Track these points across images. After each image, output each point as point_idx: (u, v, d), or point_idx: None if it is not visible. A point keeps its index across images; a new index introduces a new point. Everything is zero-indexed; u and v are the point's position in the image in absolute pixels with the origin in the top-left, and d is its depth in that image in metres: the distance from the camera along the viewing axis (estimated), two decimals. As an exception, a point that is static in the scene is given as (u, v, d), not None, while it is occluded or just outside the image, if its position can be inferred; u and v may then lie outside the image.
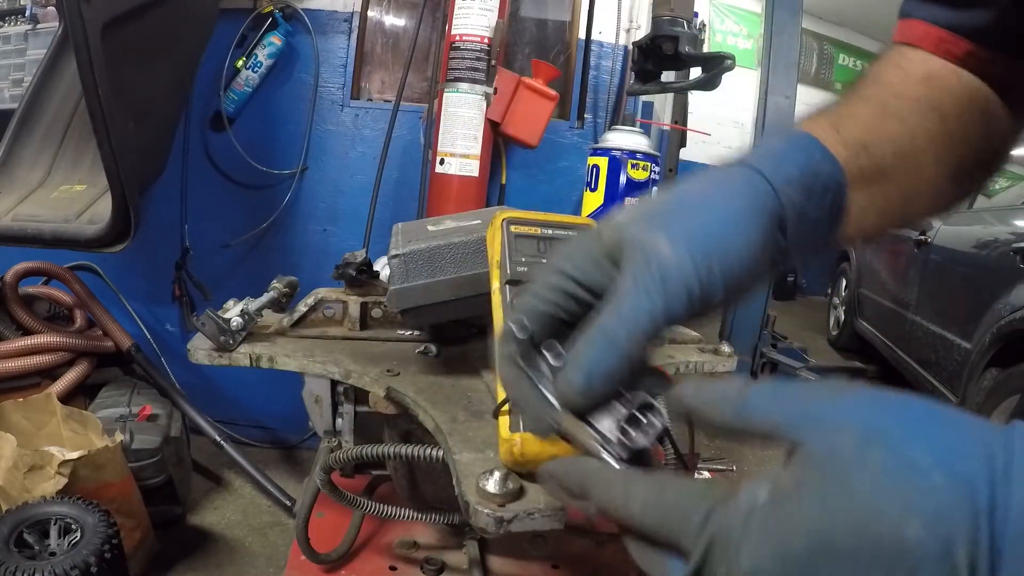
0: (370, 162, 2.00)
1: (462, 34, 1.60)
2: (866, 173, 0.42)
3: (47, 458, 1.30)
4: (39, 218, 1.50)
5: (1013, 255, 2.29)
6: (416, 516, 0.80)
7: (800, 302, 7.06)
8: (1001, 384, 2.20)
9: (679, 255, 0.32)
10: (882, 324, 3.80)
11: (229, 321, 0.85)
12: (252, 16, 1.96)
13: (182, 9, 1.62)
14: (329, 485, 0.78)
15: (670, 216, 0.34)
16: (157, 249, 2.08)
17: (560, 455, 0.52)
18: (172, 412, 1.77)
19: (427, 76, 2.06)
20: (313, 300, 0.96)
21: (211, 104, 2.04)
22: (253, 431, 2.18)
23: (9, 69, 1.98)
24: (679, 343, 1.12)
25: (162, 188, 1.97)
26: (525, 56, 2.07)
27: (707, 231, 0.34)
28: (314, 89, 2.05)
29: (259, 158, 2.04)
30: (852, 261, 4.68)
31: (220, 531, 1.72)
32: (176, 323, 2.18)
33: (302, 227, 2.12)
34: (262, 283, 1.01)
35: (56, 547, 1.18)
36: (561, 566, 0.95)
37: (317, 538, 0.88)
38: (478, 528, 0.50)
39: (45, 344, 1.67)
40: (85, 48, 1.19)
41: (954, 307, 2.78)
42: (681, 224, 0.34)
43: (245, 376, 1.79)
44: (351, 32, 2.05)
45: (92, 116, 1.25)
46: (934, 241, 3.10)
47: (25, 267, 1.80)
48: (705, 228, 0.34)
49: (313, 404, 0.91)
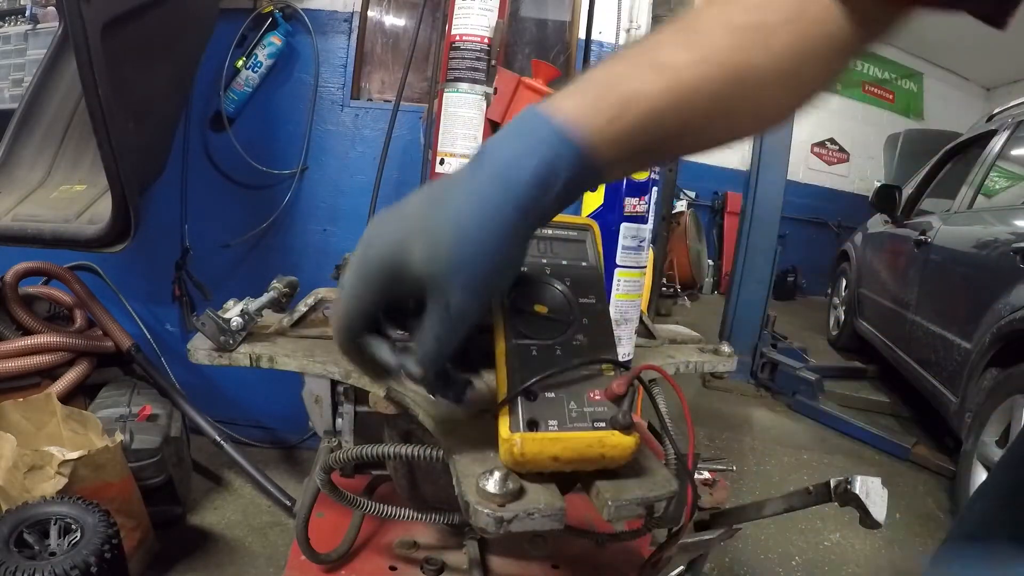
0: (370, 162, 2.00)
1: (462, 34, 1.60)
2: (623, 139, 0.44)
3: (47, 458, 1.30)
4: (39, 218, 1.49)
5: (1013, 255, 2.29)
6: (416, 516, 0.80)
7: (800, 302, 7.08)
8: (1001, 384, 2.20)
9: (467, 302, 0.44)
10: (882, 324, 3.80)
11: (229, 321, 0.85)
12: (252, 16, 1.96)
13: (182, 9, 1.62)
14: (329, 485, 0.78)
15: (457, 261, 0.43)
16: (157, 249, 2.08)
17: (560, 455, 0.52)
18: (172, 412, 1.77)
19: (427, 76, 2.06)
20: (313, 300, 0.96)
21: (211, 104, 2.04)
22: (253, 431, 2.18)
23: (9, 69, 1.98)
24: (679, 343, 1.12)
25: (162, 188, 1.97)
26: (525, 56, 2.07)
27: (485, 274, 0.44)
28: (314, 89, 2.05)
29: (259, 158, 2.04)
30: (852, 261, 4.68)
31: (220, 531, 1.72)
32: (176, 323, 2.18)
33: (302, 227, 2.12)
34: (262, 283, 1.01)
35: (56, 547, 1.18)
36: (561, 566, 0.95)
37: (317, 538, 0.88)
38: (478, 528, 0.50)
39: (45, 344, 1.67)
40: (85, 48, 1.19)
41: (954, 307, 2.78)
42: (465, 271, 0.43)
43: (245, 376, 1.78)
44: (351, 32, 2.05)
45: (92, 116, 1.25)
46: (934, 241, 3.10)
47: (25, 267, 1.80)
48: (484, 272, 0.44)
49: (313, 404, 0.91)
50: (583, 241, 0.64)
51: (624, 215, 0.88)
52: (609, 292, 0.88)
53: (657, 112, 0.43)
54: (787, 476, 2.56)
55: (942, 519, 2.32)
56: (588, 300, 0.59)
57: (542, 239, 0.62)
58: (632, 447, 0.53)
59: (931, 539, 2.16)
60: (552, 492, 0.53)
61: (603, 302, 0.61)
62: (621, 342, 0.90)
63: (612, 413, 0.53)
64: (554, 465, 0.52)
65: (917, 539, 2.15)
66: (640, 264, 0.91)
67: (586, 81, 0.45)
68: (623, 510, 0.53)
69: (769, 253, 3.61)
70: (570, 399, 0.53)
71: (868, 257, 4.34)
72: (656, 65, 0.43)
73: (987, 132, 3.25)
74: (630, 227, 0.88)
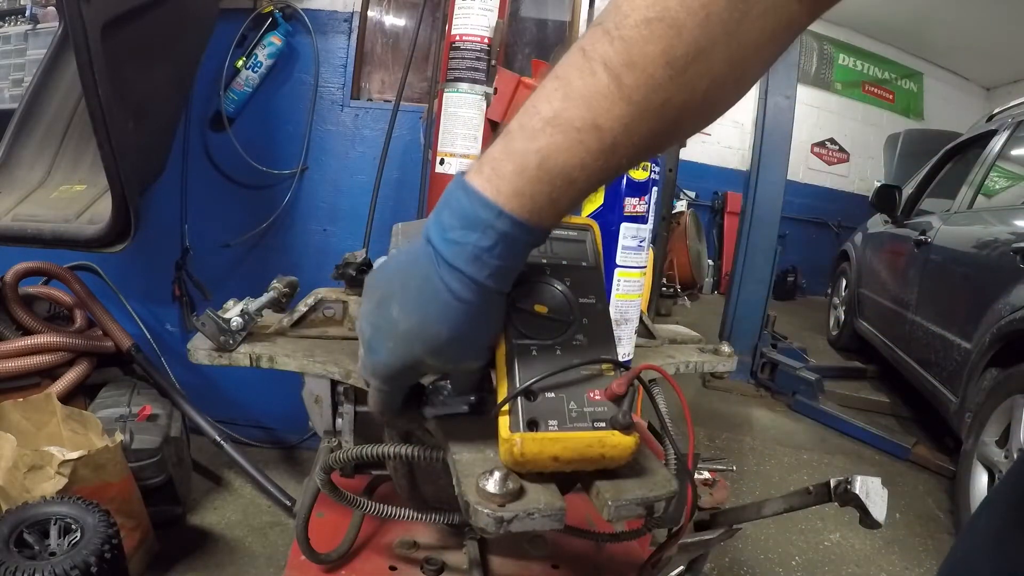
0: (370, 162, 2.00)
1: (462, 34, 1.60)
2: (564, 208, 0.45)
3: (47, 458, 1.30)
4: (39, 218, 1.49)
5: (1013, 255, 2.29)
6: (416, 516, 0.80)
7: (800, 302, 7.08)
8: (1001, 384, 2.20)
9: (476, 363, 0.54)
10: (882, 324, 3.80)
11: (229, 321, 0.85)
12: (252, 16, 1.96)
13: (182, 9, 1.62)
14: (329, 485, 0.78)
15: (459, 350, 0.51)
16: (157, 249, 2.08)
17: (560, 455, 0.52)
18: (172, 412, 1.77)
19: (427, 76, 2.06)
20: (313, 300, 0.96)
21: (211, 104, 2.04)
22: (253, 431, 2.18)
23: (9, 69, 1.98)
24: (679, 343, 1.12)
25: (162, 188, 1.97)
26: (525, 56, 2.07)
27: (483, 341, 0.52)
28: (314, 89, 2.05)
29: (259, 158, 2.04)
30: (852, 261, 4.68)
31: (220, 531, 1.72)
32: (176, 323, 2.18)
33: (302, 227, 2.12)
34: (262, 283, 1.01)
35: (56, 547, 1.18)
36: (561, 566, 0.95)
37: (317, 538, 0.87)
38: (478, 528, 0.50)
39: (45, 344, 1.67)
40: (85, 48, 1.19)
41: (954, 307, 2.78)
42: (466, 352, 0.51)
43: (245, 376, 1.78)
44: (351, 32, 2.05)
45: (92, 116, 1.25)
46: (934, 241, 3.10)
47: (25, 267, 1.80)
48: (483, 341, 0.52)
49: (313, 404, 0.91)
50: (583, 241, 0.64)
51: (624, 215, 0.88)
52: (609, 292, 0.88)
53: (598, 177, 0.43)
54: (787, 476, 2.56)
55: (942, 519, 2.33)
56: (588, 300, 0.59)
57: (542, 239, 0.62)
58: (632, 447, 0.53)
59: (931, 539, 2.16)
60: (552, 492, 0.53)
61: (603, 302, 0.61)
62: (621, 342, 0.90)
63: (612, 413, 0.53)
64: (554, 465, 0.52)
65: (917, 539, 2.15)
66: (640, 264, 0.91)
67: (521, 157, 0.42)
68: (623, 510, 0.53)
69: (769, 253, 3.61)
70: (570, 399, 0.53)
71: (868, 257, 4.34)
72: (594, 128, 0.41)
73: (987, 132, 3.25)
74: (630, 227, 0.88)
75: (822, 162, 7.79)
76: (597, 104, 0.40)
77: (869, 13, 6.65)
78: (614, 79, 0.40)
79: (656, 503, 0.54)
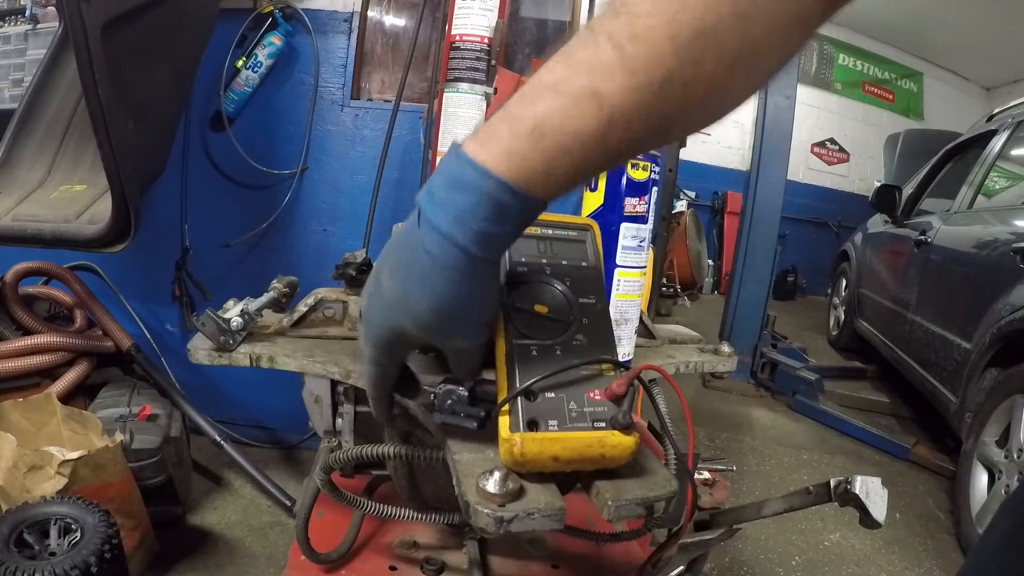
0: (370, 162, 2.00)
1: (462, 34, 1.60)
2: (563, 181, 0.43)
3: (47, 458, 1.30)
4: (39, 218, 1.49)
5: (1013, 255, 2.29)
6: (416, 516, 0.80)
7: (800, 302, 7.08)
8: (1001, 384, 2.20)
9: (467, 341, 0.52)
10: (882, 324, 3.80)
11: (229, 321, 0.85)
12: (252, 16, 1.96)
13: (182, 9, 1.62)
14: (329, 485, 0.78)
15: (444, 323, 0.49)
16: (157, 249, 2.08)
17: (560, 455, 0.52)
18: (172, 412, 1.77)
19: (427, 76, 2.06)
20: (313, 300, 0.96)
21: (211, 104, 2.04)
22: (253, 431, 2.18)
23: (9, 69, 1.98)
24: (679, 343, 1.12)
25: (162, 188, 1.97)
26: (525, 56, 2.07)
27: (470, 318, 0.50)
28: (314, 89, 2.05)
29: (259, 158, 2.04)
30: (852, 261, 4.68)
31: (220, 531, 1.72)
32: (176, 323, 2.18)
33: (302, 227, 2.12)
34: (262, 283, 1.01)
35: (56, 547, 1.18)
36: (561, 566, 0.95)
37: (317, 538, 0.87)
38: (478, 528, 0.50)
39: (45, 344, 1.67)
40: (85, 48, 1.19)
41: (954, 307, 2.78)
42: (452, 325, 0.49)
43: (245, 376, 1.78)
44: (351, 32, 2.05)
45: (92, 116, 1.25)
46: (934, 241, 3.10)
47: (25, 267, 1.80)
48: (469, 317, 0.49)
49: (313, 404, 0.91)
50: (583, 241, 0.64)
51: (624, 215, 0.88)
52: (609, 292, 0.88)
53: (594, 154, 0.42)
54: (787, 476, 2.56)
55: (942, 519, 2.32)
56: (588, 300, 0.59)
57: (542, 239, 0.62)
58: (632, 447, 0.53)
59: (931, 539, 2.16)
60: (552, 492, 0.53)
61: (603, 302, 0.61)
62: (621, 342, 0.90)
63: (612, 413, 0.53)
64: (554, 465, 0.52)
65: (917, 539, 2.15)
66: (640, 264, 0.91)
67: (517, 121, 0.42)
68: (623, 510, 0.53)
69: (769, 253, 3.61)
70: (570, 399, 0.53)
71: (868, 257, 4.34)
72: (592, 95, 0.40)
73: (987, 132, 3.25)
74: (630, 227, 0.88)
75: (822, 162, 7.79)
76: (598, 72, 0.40)
77: (869, 13, 6.65)
78: (617, 48, 0.40)
79: (656, 503, 0.54)
